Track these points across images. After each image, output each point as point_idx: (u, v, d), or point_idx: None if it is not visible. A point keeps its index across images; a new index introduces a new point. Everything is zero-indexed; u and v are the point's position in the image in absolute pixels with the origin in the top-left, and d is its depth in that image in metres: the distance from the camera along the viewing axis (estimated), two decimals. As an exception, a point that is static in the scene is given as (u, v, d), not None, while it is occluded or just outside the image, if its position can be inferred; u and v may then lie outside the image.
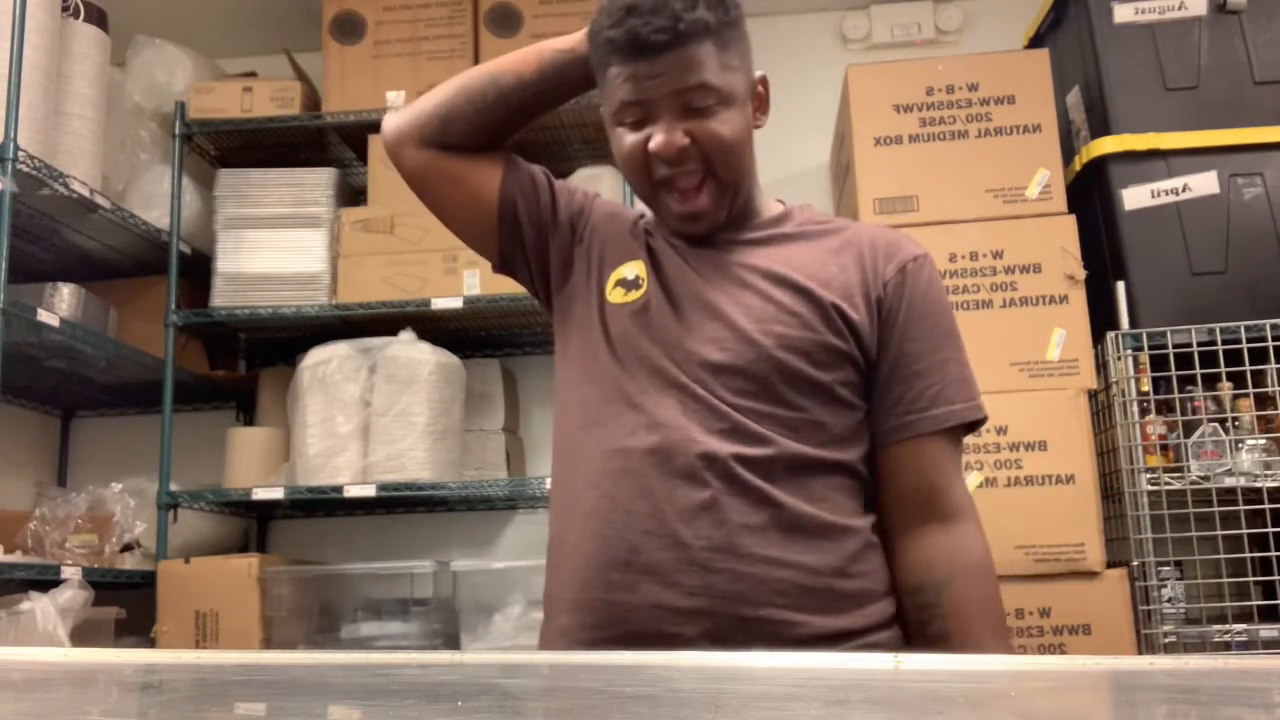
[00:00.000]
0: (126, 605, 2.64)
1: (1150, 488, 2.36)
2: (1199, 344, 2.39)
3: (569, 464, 1.32)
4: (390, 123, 1.43)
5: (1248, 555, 2.41)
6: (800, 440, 1.23)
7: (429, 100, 1.41)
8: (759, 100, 1.35)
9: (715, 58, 1.25)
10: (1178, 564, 2.36)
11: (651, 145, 1.26)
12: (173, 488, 2.79)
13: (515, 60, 1.38)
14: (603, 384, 1.29)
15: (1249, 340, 2.37)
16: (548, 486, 1.50)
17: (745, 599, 1.18)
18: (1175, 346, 2.40)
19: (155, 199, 2.96)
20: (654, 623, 1.18)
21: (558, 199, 1.41)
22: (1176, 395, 2.40)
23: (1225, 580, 2.35)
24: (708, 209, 1.29)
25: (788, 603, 1.19)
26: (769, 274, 1.29)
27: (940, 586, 1.24)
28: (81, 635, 2.37)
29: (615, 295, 1.32)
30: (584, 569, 1.24)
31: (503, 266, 1.44)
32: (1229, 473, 2.37)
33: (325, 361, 2.76)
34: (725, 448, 1.21)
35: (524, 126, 1.41)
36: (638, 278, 1.33)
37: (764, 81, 1.35)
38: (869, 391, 1.30)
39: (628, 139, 1.29)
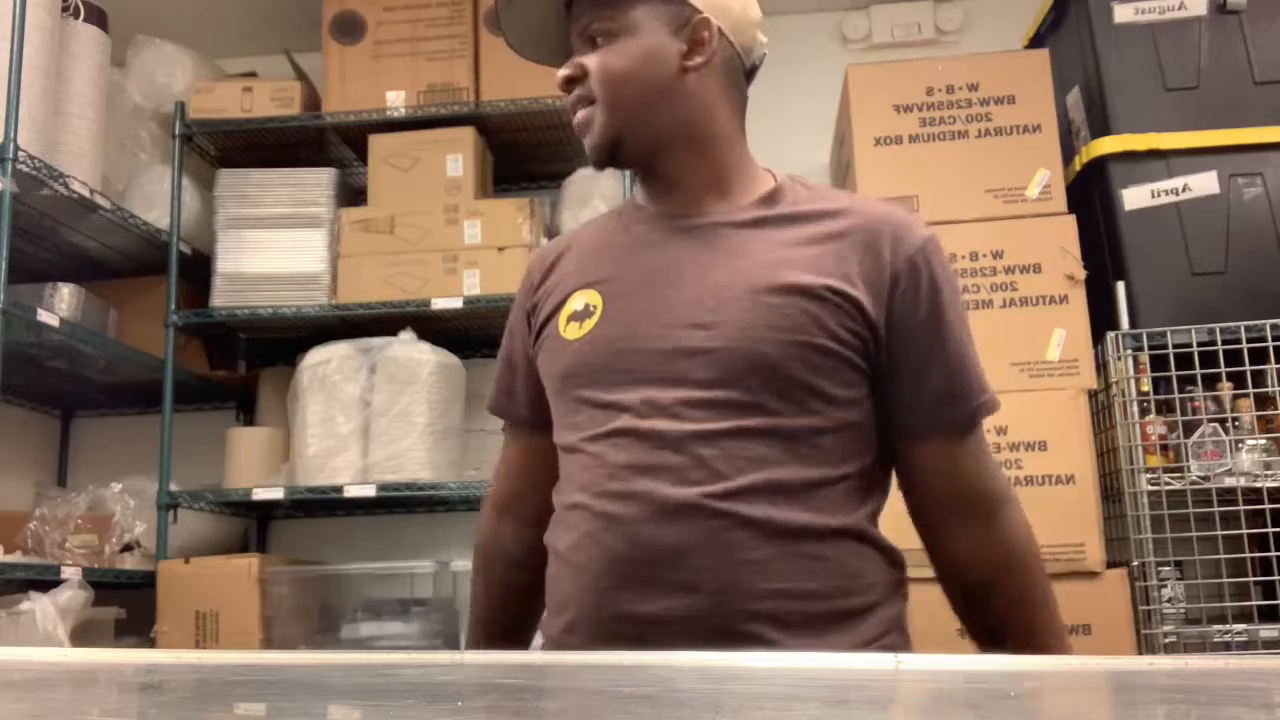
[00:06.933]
0: (126, 605, 2.64)
1: (1150, 488, 2.36)
2: (1199, 344, 2.38)
3: (560, 490, 1.29)
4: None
5: (1248, 555, 2.41)
6: (790, 459, 1.16)
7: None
8: (695, 41, 1.23)
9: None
10: (1178, 564, 2.36)
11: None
12: (173, 488, 2.79)
13: None
14: (566, 419, 1.27)
15: (1249, 340, 2.37)
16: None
17: (753, 636, 1.14)
18: (1175, 346, 2.40)
19: (155, 199, 2.96)
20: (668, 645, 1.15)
21: (526, 342, 1.37)
22: (1176, 395, 2.40)
23: (1225, 580, 2.35)
24: (588, 130, 1.25)
25: (794, 628, 1.15)
26: (753, 268, 1.20)
27: (987, 583, 1.22)
28: (81, 635, 2.37)
29: (570, 332, 1.26)
30: (576, 610, 1.21)
31: None
32: (1229, 473, 2.37)
33: (325, 361, 2.76)
34: (694, 490, 1.14)
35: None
36: (588, 305, 1.26)
37: (706, 23, 1.23)
38: (878, 384, 1.22)
39: None
